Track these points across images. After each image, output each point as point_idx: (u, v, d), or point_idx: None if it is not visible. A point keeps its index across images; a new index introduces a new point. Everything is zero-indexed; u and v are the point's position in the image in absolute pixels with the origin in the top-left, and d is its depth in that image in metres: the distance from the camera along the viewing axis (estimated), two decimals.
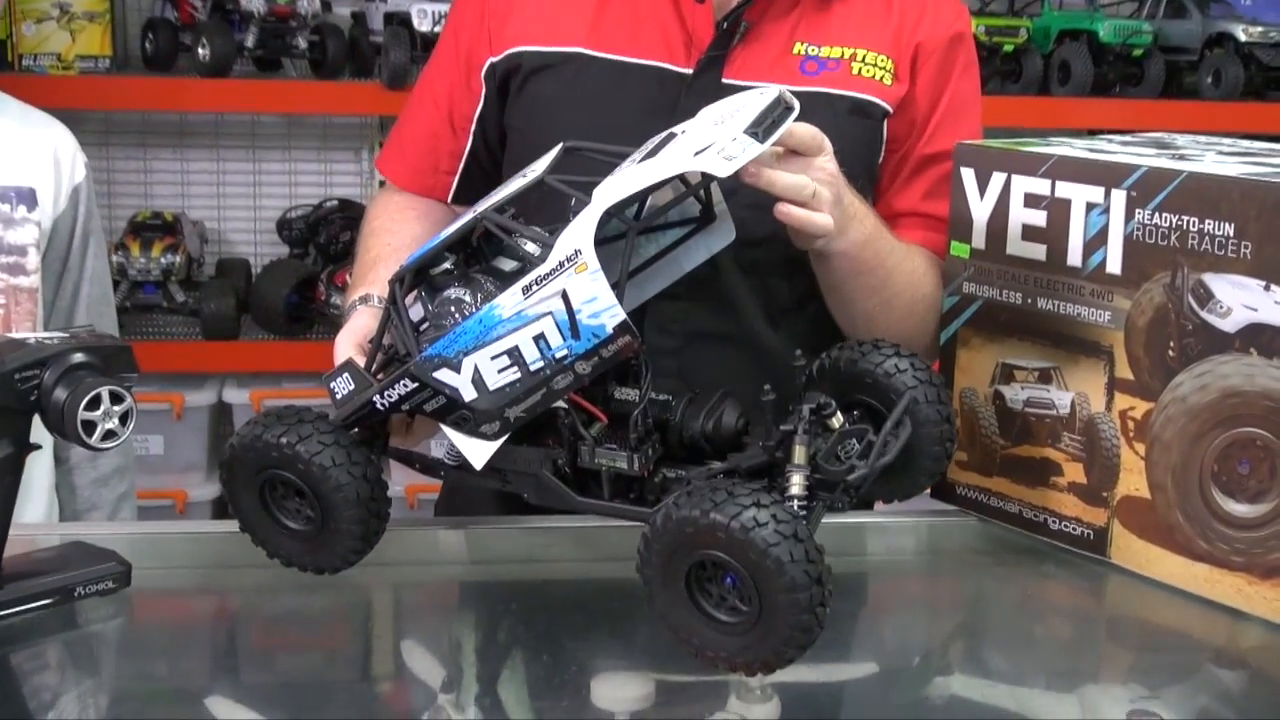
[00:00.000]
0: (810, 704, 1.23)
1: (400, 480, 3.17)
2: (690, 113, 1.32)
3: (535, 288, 1.19)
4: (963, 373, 1.55)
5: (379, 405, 1.28)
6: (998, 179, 1.49)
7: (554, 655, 1.27)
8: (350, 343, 1.46)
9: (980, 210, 1.50)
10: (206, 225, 3.50)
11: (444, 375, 1.23)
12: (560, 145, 1.30)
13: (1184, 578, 1.40)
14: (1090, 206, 1.42)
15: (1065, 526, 1.49)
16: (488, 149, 1.70)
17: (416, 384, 1.25)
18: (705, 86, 1.55)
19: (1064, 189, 1.44)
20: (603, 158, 1.28)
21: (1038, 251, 1.47)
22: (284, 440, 1.27)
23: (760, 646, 1.13)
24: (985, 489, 1.55)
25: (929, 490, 1.55)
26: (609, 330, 1.19)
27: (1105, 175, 1.41)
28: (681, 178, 1.29)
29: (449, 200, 1.73)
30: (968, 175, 1.51)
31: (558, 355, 1.20)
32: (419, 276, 1.28)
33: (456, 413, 1.25)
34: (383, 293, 1.52)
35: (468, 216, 1.27)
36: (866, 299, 1.55)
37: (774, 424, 1.25)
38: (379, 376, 1.30)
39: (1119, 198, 1.40)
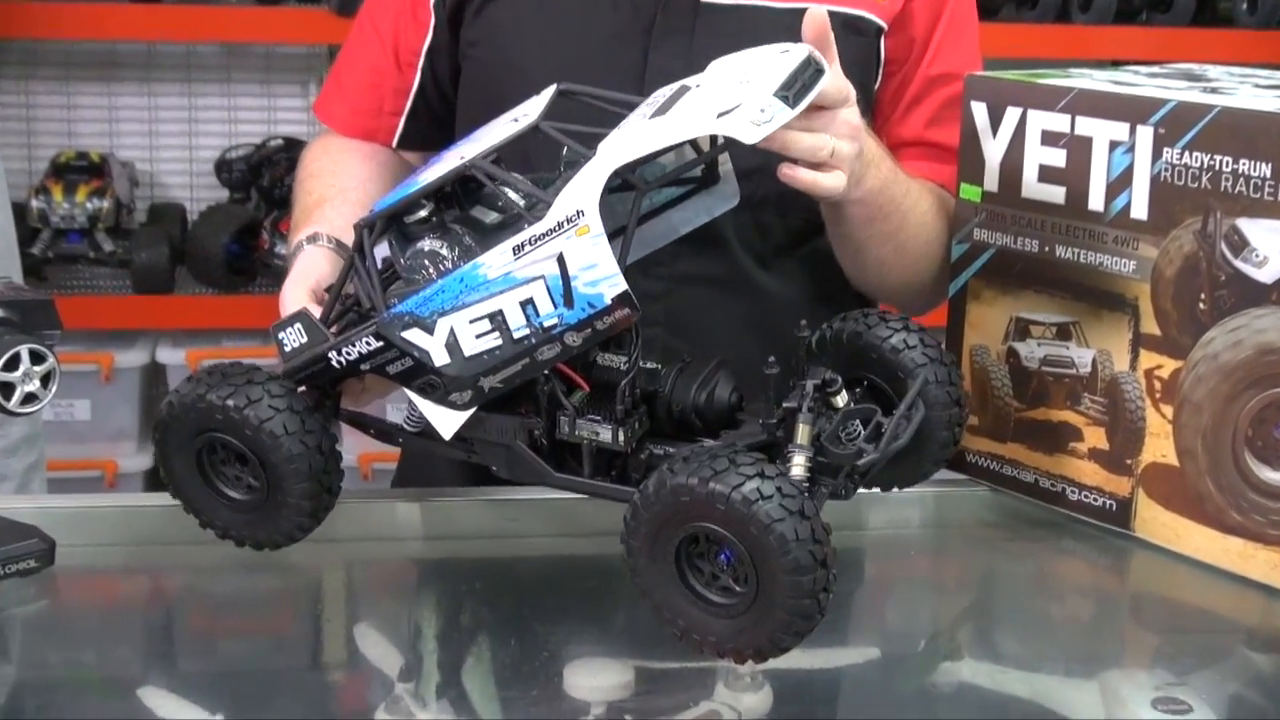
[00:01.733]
0: (805, 693, 1.23)
1: (353, 448, 3.17)
2: (668, 36, 1.31)
3: (528, 248, 1.17)
4: (973, 328, 1.55)
5: (335, 363, 1.27)
6: (1012, 114, 1.48)
7: (523, 640, 1.27)
8: (302, 289, 1.44)
9: (993, 149, 1.50)
10: (137, 166, 3.48)
11: (414, 336, 1.22)
12: (554, 87, 1.29)
13: (1215, 552, 1.41)
14: (1114, 145, 1.42)
15: (1085, 497, 1.49)
16: (437, 86, 1.69)
17: (381, 343, 1.24)
18: (683, 5, 1.56)
19: (1085, 125, 1.44)
20: (600, 104, 1.26)
21: (1056, 194, 1.47)
22: (231, 402, 1.26)
23: (754, 631, 1.13)
24: (997, 456, 1.55)
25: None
26: (607, 301, 1.17)
27: (1130, 110, 1.41)
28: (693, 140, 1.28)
29: (394, 144, 1.72)
30: (979, 110, 1.51)
31: (546, 324, 1.19)
32: (389, 223, 1.26)
33: (424, 378, 1.24)
34: (333, 232, 1.51)
35: (452, 162, 1.25)
36: (879, 245, 1.55)
37: (775, 399, 1.24)
38: (334, 330, 1.29)
39: (1145, 135, 1.40)
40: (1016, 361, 1.52)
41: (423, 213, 1.25)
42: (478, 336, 1.21)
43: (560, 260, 1.17)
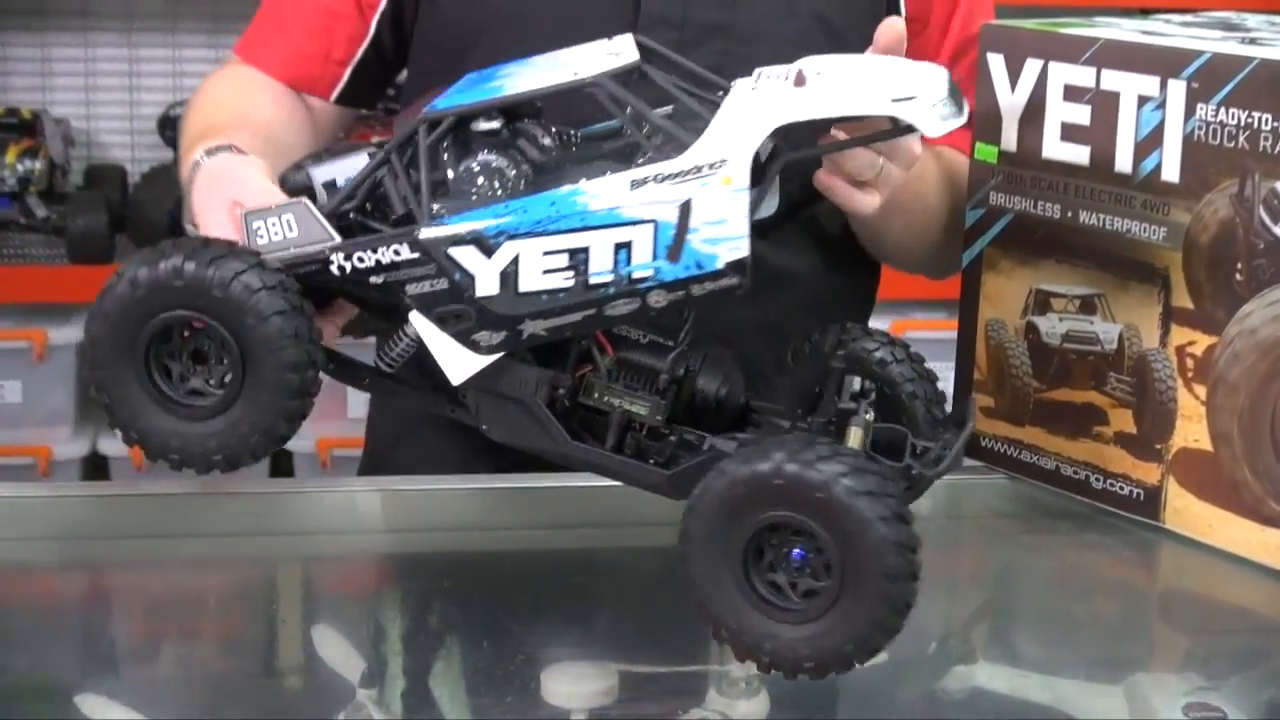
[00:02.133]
0: (804, 699, 1.23)
1: (310, 432, 3.17)
2: None
3: (651, 185, 1.14)
4: (988, 301, 1.55)
5: (335, 269, 1.20)
6: (1032, 67, 1.48)
7: (496, 642, 1.27)
8: (219, 196, 1.31)
9: (1011, 105, 1.50)
10: (73, 124, 3.47)
11: (464, 254, 1.17)
12: (628, 38, 1.25)
13: (1251, 546, 1.41)
14: (1143, 101, 1.42)
15: (1110, 485, 1.50)
16: (396, 35, 1.67)
17: (416, 255, 1.18)
18: None
19: (1111, 79, 1.44)
20: (671, 81, 1.23)
21: (1080, 155, 1.47)
22: (213, 273, 1.16)
23: (838, 633, 1.12)
24: (1015, 441, 1.55)
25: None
26: (719, 264, 1.15)
27: (1161, 63, 1.41)
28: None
29: (332, 99, 1.69)
30: (995, 62, 1.50)
31: (636, 275, 1.16)
32: (452, 127, 1.21)
33: (453, 306, 1.19)
34: (245, 146, 1.44)
35: (566, 76, 1.20)
36: (900, 232, 1.60)
37: (793, 401, 1.25)
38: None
39: (1177, 90, 1.40)
40: (1036, 337, 1.53)
41: (495, 124, 1.21)
42: (545, 272, 1.16)
43: (684, 207, 1.14)
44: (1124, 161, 1.44)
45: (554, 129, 1.24)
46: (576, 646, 1.28)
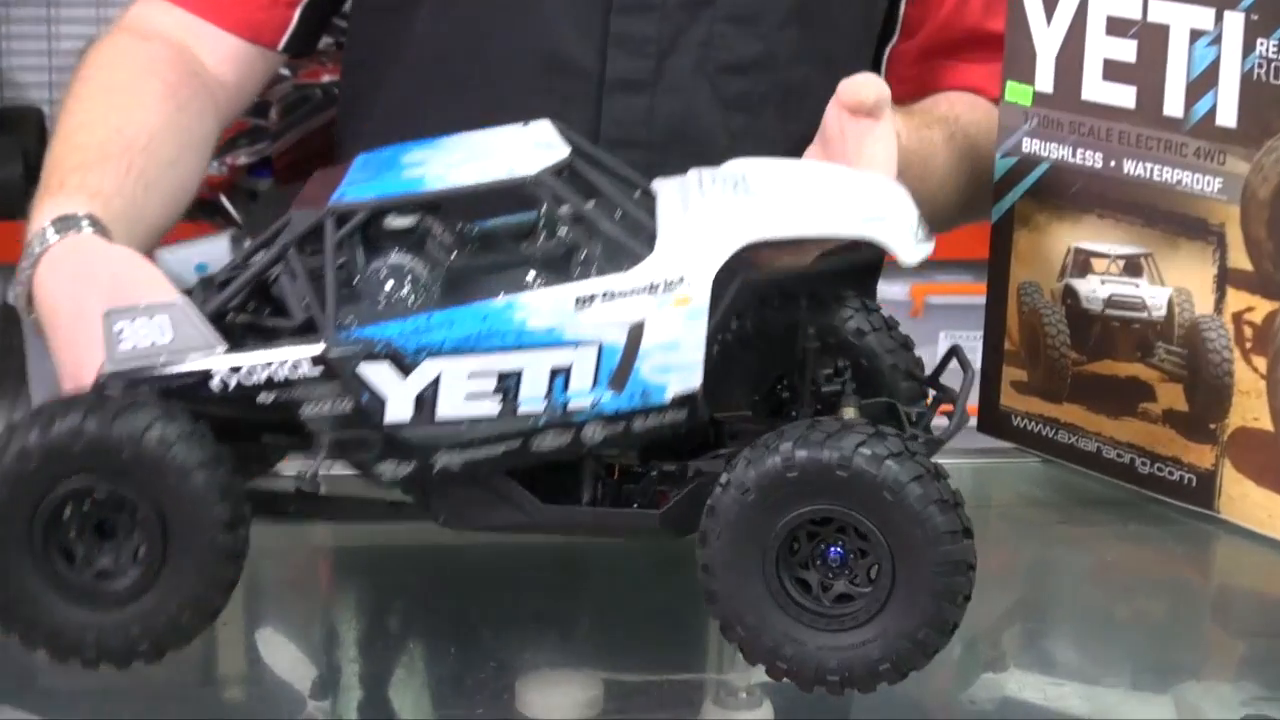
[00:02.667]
0: (815, 711, 1.23)
1: None
2: None
3: (600, 301, 1.13)
4: (1021, 262, 1.55)
5: (215, 384, 1.15)
6: None
7: (465, 648, 1.27)
8: (144, 265, 1.28)
9: (1047, 40, 1.50)
10: None
11: (375, 372, 1.14)
12: (546, 124, 1.24)
13: None
14: (1195, 35, 1.42)
15: (1158, 470, 1.50)
16: None
17: (319, 371, 1.15)
18: None
19: (1160, 10, 1.44)
20: (605, 175, 1.22)
21: (1124, 96, 1.47)
22: (119, 430, 1.11)
23: (874, 647, 1.13)
24: (1051, 419, 1.56)
25: (974, 422, 1.55)
26: (667, 396, 1.15)
27: None
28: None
29: (280, 45, 1.68)
30: None
31: (571, 405, 1.15)
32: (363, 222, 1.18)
33: (356, 431, 1.16)
34: (110, 216, 1.39)
35: (491, 168, 1.17)
36: None
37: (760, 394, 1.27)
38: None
39: (1234, 23, 1.40)
40: (1075, 303, 1.53)
41: (410, 220, 1.18)
42: (468, 397, 1.14)
43: (635, 329, 1.14)
44: (1174, 104, 1.44)
45: (456, 225, 1.23)
46: (555, 653, 1.29)
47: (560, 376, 1.14)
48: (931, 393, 1.30)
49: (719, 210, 1.17)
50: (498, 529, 1.22)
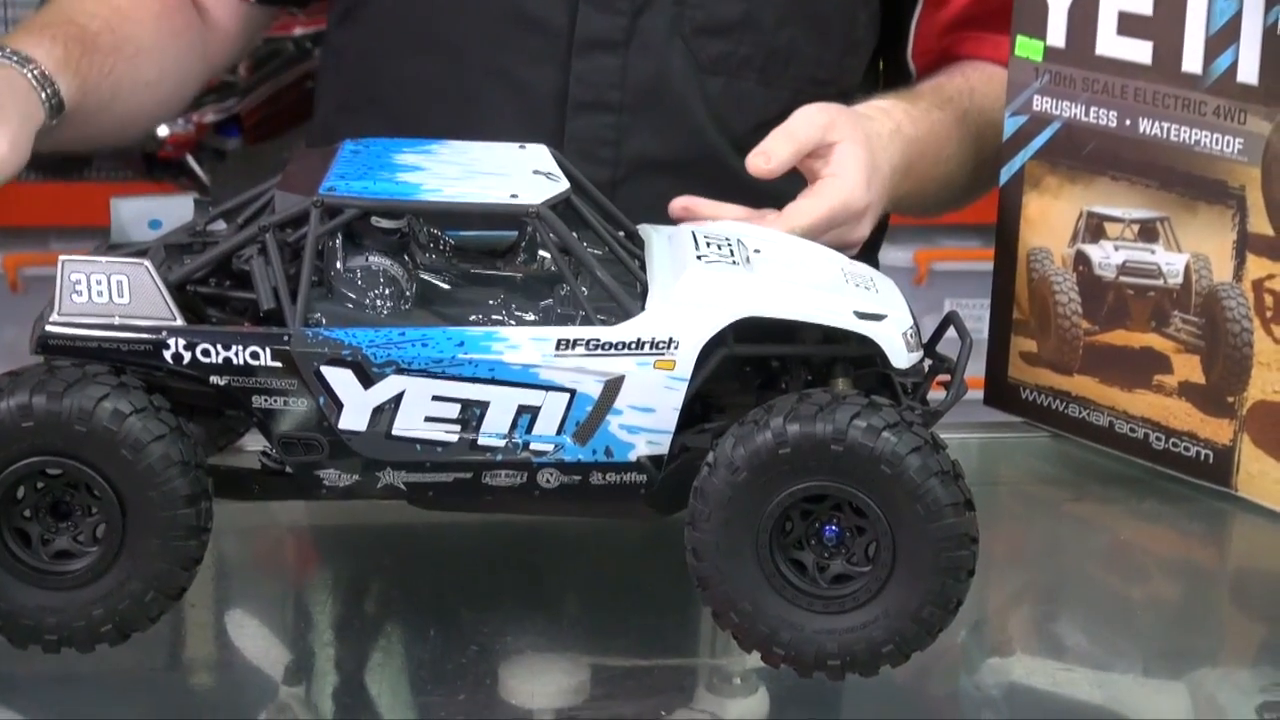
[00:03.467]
0: (811, 697, 1.23)
1: None
2: None
3: (582, 349, 1.16)
4: (1031, 226, 1.55)
5: (169, 355, 1.16)
6: None
7: (446, 630, 1.27)
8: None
9: None
10: None
11: (337, 377, 1.16)
12: (543, 149, 1.27)
13: None
14: None
15: (1174, 445, 1.50)
16: None
17: (279, 365, 1.16)
18: None
19: None
20: (586, 222, 1.24)
21: (1140, 52, 1.47)
22: (69, 404, 1.13)
23: (876, 629, 1.14)
24: (1061, 392, 1.56)
25: (982, 395, 1.56)
26: (633, 455, 1.18)
27: None
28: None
29: None
30: None
31: (533, 446, 1.17)
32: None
33: (306, 432, 1.18)
34: (55, 67, 1.47)
35: (489, 185, 1.20)
36: (910, 200, 1.66)
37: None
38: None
39: None
40: (1087, 269, 1.53)
41: (395, 224, 1.20)
42: (428, 419, 1.17)
43: (612, 384, 1.16)
44: (1193, 60, 1.44)
45: (434, 232, 1.25)
46: (540, 636, 1.29)
47: (526, 416, 1.17)
48: (928, 362, 1.30)
49: (717, 280, 1.19)
50: (473, 510, 1.25)
